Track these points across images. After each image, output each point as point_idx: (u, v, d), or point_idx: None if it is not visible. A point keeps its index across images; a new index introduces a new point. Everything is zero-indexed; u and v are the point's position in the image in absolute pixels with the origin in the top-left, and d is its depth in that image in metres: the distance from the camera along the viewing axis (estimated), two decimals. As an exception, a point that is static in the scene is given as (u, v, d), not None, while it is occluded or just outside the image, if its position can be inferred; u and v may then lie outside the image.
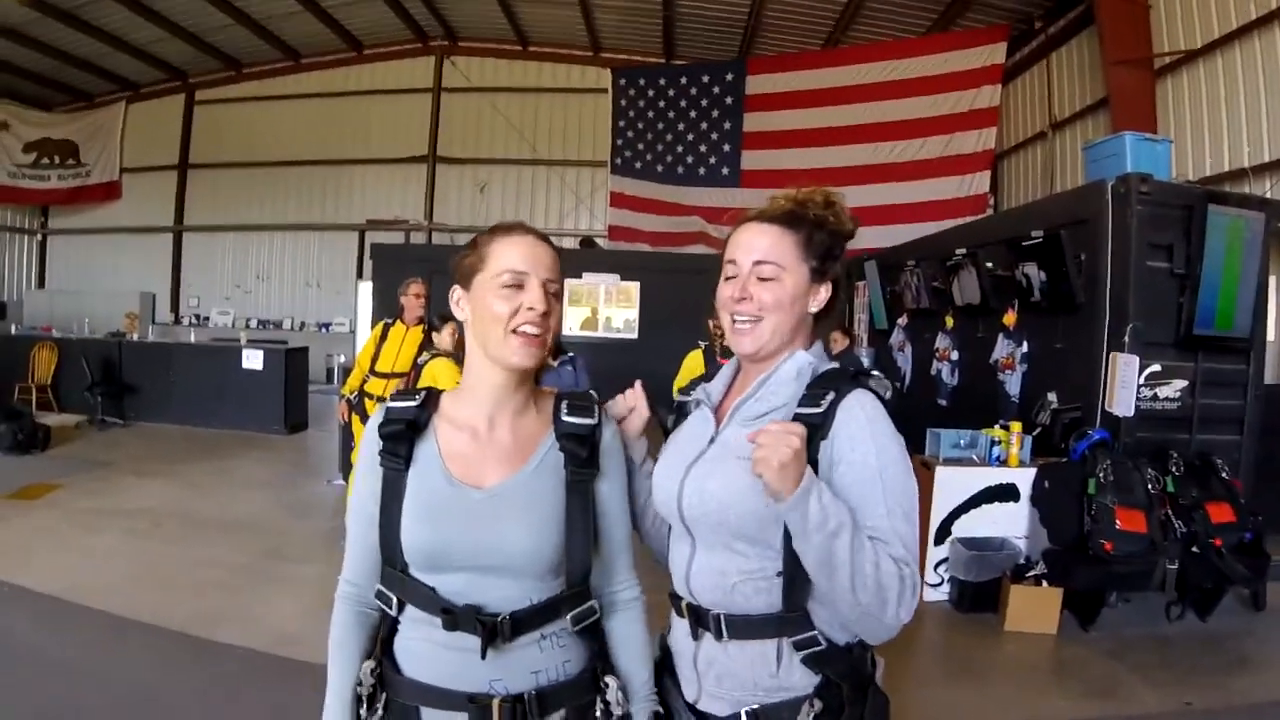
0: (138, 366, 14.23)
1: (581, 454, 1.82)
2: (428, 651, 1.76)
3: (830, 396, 1.72)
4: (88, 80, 20.99)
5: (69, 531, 7.49)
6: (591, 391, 1.98)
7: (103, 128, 21.90)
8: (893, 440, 1.73)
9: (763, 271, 1.82)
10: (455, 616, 1.71)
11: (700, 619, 1.82)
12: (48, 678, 4.70)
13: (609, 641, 1.92)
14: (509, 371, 1.82)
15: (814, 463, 1.66)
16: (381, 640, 1.87)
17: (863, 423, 1.70)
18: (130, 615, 5.57)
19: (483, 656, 1.70)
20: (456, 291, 1.88)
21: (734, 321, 1.86)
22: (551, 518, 1.77)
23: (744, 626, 1.76)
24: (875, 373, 1.84)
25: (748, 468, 1.66)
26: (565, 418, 1.86)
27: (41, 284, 22.80)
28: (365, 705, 1.81)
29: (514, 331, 1.77)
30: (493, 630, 1.70)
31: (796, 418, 1.70)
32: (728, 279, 1.89)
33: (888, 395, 1.79)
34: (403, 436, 1.80)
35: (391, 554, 1.77)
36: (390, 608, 1.80)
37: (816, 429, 1.68)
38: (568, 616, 1.80)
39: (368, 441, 1.86)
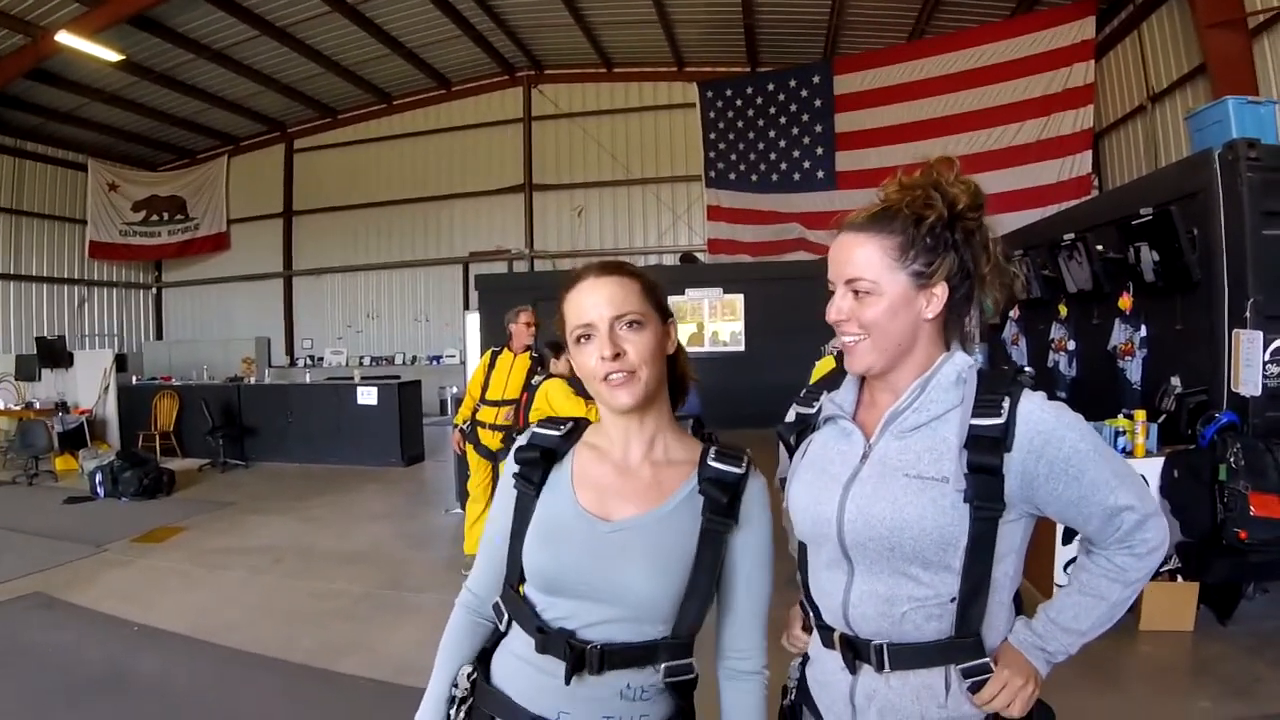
0: (256, 409, 14.61)
1: (722, 500, 1.73)
2: (517, 668, 1.77)
3: (1006, 404, 1.62)
4: (189, 138, 21.89)
5: (194, 571, 7.65)
6: (747, 450, 1.90)
7: (207, 182, 22.79)
8: (1080, 420, 1.65)
9: (857, 287, 1.70)
10: (547, 637, 1.71)
11: (859, 651, 1.71)
12: (178, 713, 4.79)
13: (721, 709, 1.85)
14: (622, 413, 1.79)
15: (998, 474, 1.60)
16: (485, 649, 1.88)
17: (1052, 421, 1.62)
18: (255, 650, 5.65)
19: (566, 682, 1.67)
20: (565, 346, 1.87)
21: (843, 339, 1.76)
22: (677, 565, 1.70)
23: (911, 655, 1.66)
24: (1027, 369, 1.76)
25: (918, 487, 1.63)
26: (711, 463, 1.78)
27: (159, 335, 23.73)
28: (455, 706, 1.84)
29: (603, 380, 1.74)
30: (581, 657, 1.67)
31: (973, 430, 1.62)
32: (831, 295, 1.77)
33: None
34: (537, 463, 1.82)
35: (513, 571, 1.81)
36: (500, 622, 1.83)
37: (1000, 442, 1.60)
38: (662, 666, 1.73)
39: (508, 463, 1.89)
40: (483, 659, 1.87)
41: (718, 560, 1.75)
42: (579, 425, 1.90)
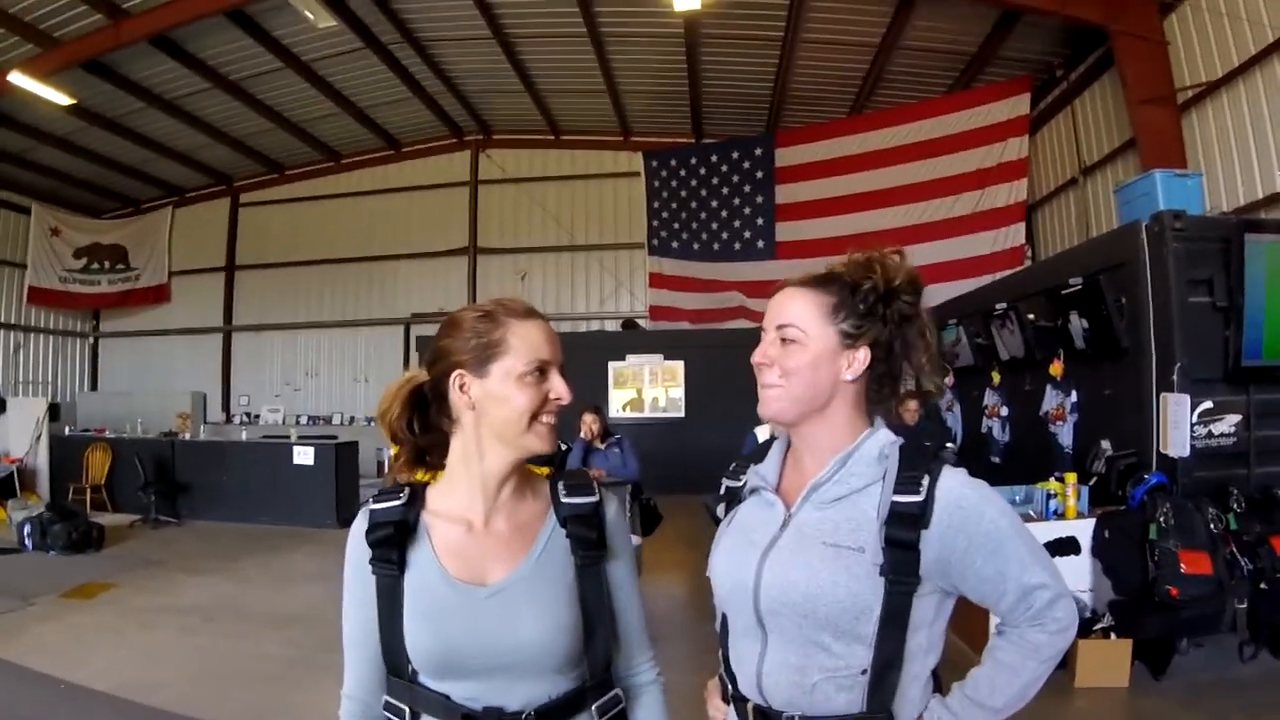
0: (190, 465, 14.40)
1: (591, 536, 1.75)
2: None
3: (926, 481, 1.65)
4: (135, 186, 21.63)
5: (123, 629, 7.53)
6: (591, 472, 1.90)
7: (151, 232, 22.49)
8: (999, 497, 1.71)
9: (784, 334, 1.74)
10: None
11: None
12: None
13: None
14: (520, 458, 1.75)
15: (914, 549, 1.63)
16: None
17: (973, 497, 1.67)
18: (183, 711, 5.56)
19: None
20: (463, 375, 1.71)
21: (760, 387, 1.78)
22: (564, 607, 1.70)
23: None
24: (948, 444, 1.80)
25: (834, 554, 1.65)
26: (565, 499, 1.77)
27: (94, 386, 23.20)
28: None
29: (537, 421, 1.71)
30: None
31: (894, 506, 1.65)
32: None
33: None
34: (392, 541, 1.71)
35: (397, 663, 1.70)
36: (403, 719, 1.71)
37: (918, 518, 1.63)
38: (593, 708, 1.73)
39: (354, 547, 1.78)
40: None
41: (603, 590, 1.77)
42: (415, 491, 1.79)
